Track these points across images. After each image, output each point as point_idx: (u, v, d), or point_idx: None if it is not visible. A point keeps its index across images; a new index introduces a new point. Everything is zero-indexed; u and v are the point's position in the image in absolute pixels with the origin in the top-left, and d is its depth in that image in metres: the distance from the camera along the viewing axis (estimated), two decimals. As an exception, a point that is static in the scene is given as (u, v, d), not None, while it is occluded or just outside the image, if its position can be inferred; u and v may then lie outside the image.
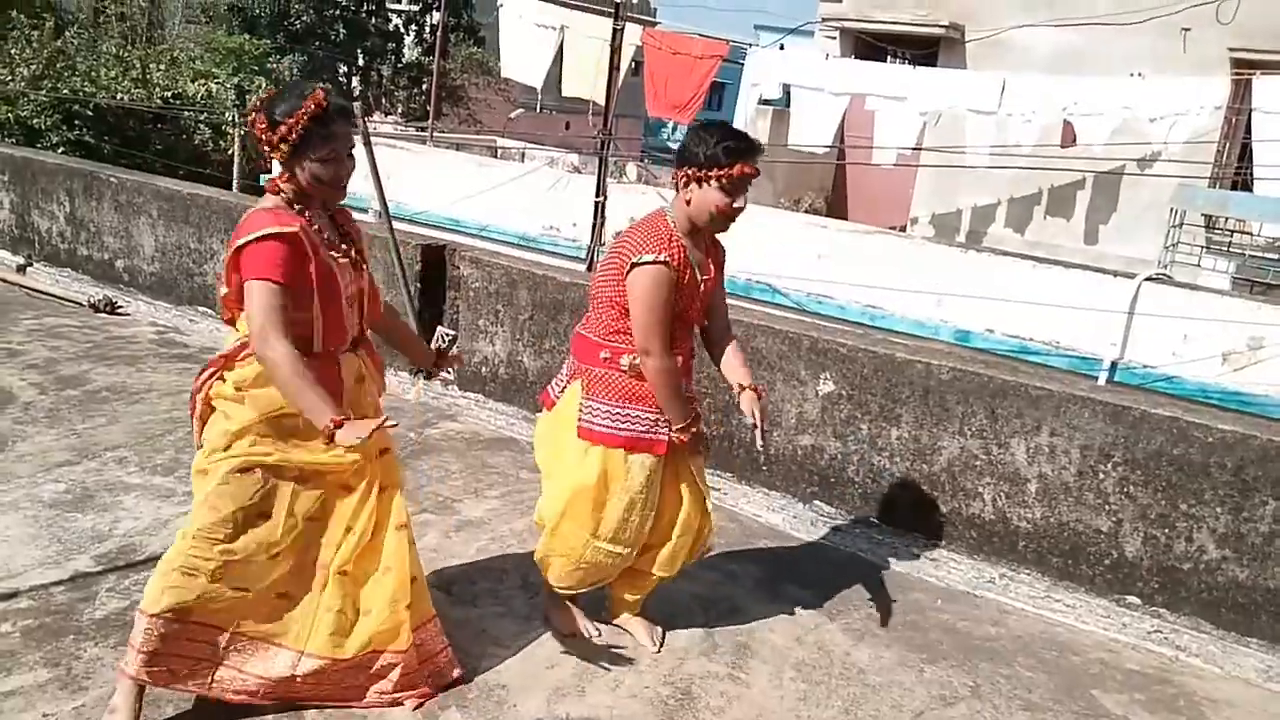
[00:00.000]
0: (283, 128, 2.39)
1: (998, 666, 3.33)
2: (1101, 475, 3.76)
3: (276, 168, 2.54)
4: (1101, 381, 7.20)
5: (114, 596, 3.17)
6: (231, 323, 2.62)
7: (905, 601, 3.72)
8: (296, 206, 2.52)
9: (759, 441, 2.87)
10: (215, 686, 2.59)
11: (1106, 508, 3.77)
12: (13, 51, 14.03)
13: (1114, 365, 7.96)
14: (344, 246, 2.62)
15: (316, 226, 2.54)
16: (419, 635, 2.76)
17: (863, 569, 3.95)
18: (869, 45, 13.03)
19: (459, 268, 5.43)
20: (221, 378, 2.55)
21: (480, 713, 2.80)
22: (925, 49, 12.69)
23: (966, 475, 4.00)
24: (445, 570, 3.57)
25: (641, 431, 2.88)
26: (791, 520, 4.27)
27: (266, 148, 2.45)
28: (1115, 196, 11.65)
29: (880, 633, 3.47)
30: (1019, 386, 3.89)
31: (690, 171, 2.78)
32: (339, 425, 2.33)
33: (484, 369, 5.36)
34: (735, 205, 2.79)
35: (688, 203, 2.81)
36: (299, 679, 2.64)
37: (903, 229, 12.42)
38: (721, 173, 2.73)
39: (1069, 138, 10.11)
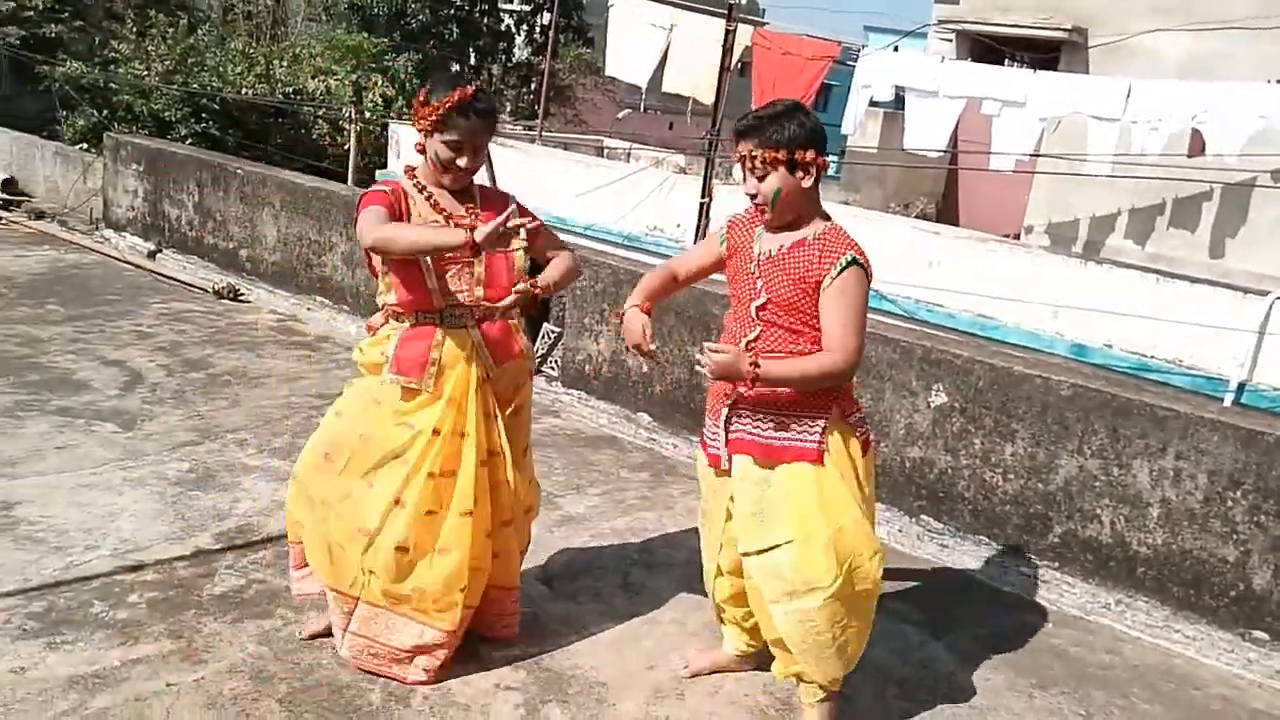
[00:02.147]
0: (430, 106, 2.65)
1: (1111, 696, 3.20)
2: (1230, 503, 3.58)
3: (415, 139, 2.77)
4: (1227, 403, 6.87)
5: (232, 574, 3.29)
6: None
7: (1015, 623, 3.60)
8: (416, 180, 2.77)
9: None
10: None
11: (1234, 537, 3.58)
12: (149, 48, 14.69)
13: (1241, 386, 7.57)
14: (454, 217, 2.74)
15: (428, 194, 2.75)
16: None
17: (970, 587, 3.84)
18: (986, 48, 12.68)
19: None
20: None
21: (580, 710, 2.81)
22: (1046, 53, 12.27)
23: (1084, 496, 3.85)
24: (547, 565, 3.61)
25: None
26: (896, 534, 4.17)
27: (418, 119, 2.69)
28: (1245, 209, 11.07)
29: (988, 654, 3.37)
30: (1144, 406, 3.73)
31: None
32: (473, 229, 2.48)
33: (587, 367, 5.40)
34: (746, 189, 2.61)
35: None
36: (350, 633, 2.83)
37: (1016, 237, 12.05)
38: (737, 155, 2.60)
39: (1197, 147, 9.65)
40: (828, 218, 2.65)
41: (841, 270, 2.52)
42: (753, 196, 2.59)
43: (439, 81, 2.70)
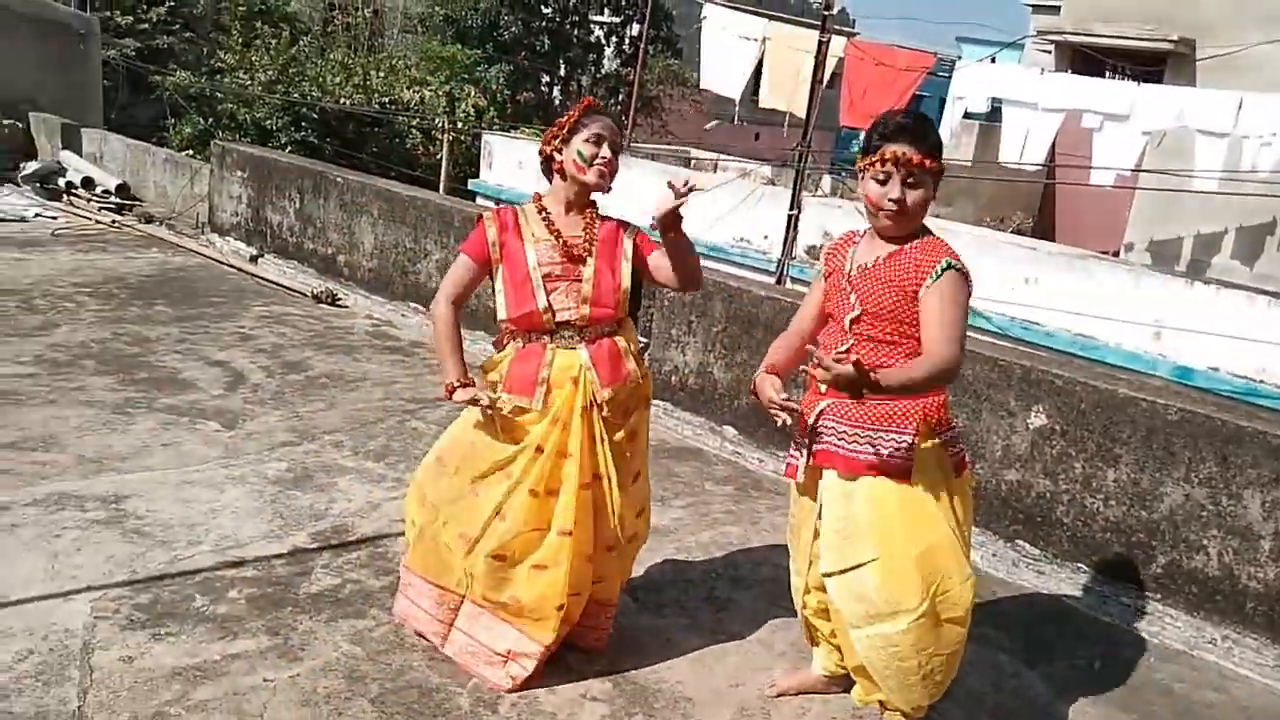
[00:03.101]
0: (559, 122, 2.86)
1: (1218, 737, 3.07)
2: (1350, 538, 3.40)
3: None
4: (1343, 432, 6.53)
5: (328, 573, 3.36)
6: None
7: (1114, 655, 3.47)
8: (539, 204, 2.89)
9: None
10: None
11: (1355, 574, 3.40)
12: (253, 58, 15.22)
13: (1358, 415, 7.20)
14: (564, 236, 2.83)
15: (546, 215, 2.86)
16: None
17: (1068, 616, 3.72)
18: (1087, 60, 12.35)
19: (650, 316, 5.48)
20: None
21: (666, 724, 2.80)
22: (1150, 65, 11.91)
23: (1190, 526, 3.70)
24: (632, 577, 3.60)
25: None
26: (990, 559, 4.07)
27: (549, 140, 2.87)
28: (1362, 228, 10.58)
29: (1085, 686, 3.25)
30: (1256, 434, 3.56)
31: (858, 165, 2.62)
32: (451, 391, 2.80)
33: (674, 378, 5.39)
34: (890, 195, 2.49)
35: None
36: (456, 628, 2.93)
37: (1116, 254, 11.69)
38: (870, 159, 2.51)
39: (1313, 163, 9.24)
40: (928, 230, 2.62)
41: (939, 275, 2.47)
42: (896, 203, 2.49)
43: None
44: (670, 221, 2.66)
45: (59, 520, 3.50)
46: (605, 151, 2.79)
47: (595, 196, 2.91)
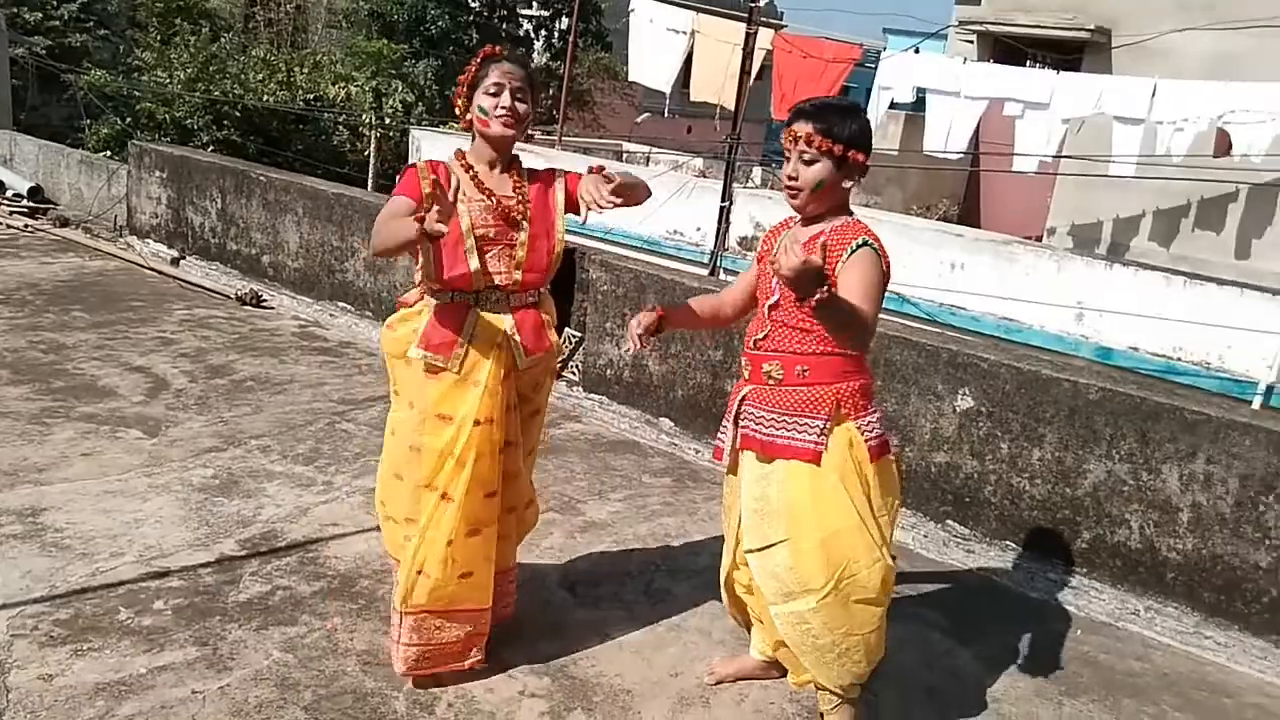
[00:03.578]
0: (463, 74, 2.74)
1: (1142, 704, 3.16)
2: (1262, 507, 3.52)
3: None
4: (1256, 406, 6.78)
5: (257, 581, 3.29)
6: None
7: (1043, 630, 3.56)
8: (463, 161, 2.77)
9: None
10: None
11: (1267, 542, 3.52)
12: (172, 56, 14.82)
13: (1270, 389, 7.48)
14: (497, 195, 2.72)
15: (473, 173, 2.74)
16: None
17: (998, 594, 3.80)
18: (1008, 49, 12.60)
19: (588, 271, 5.46)
20: None
21: (606, 717, 2.79)
22: (1069, 54, 12.19)
23: (1113, 501, 3.80)
24: (570, 571, 3.59)
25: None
26: (922, 539, 4.14)
27: (457, 97, 2.75)
28: (1273, 210, 10.95)
29: (1016, 661, 3.33)
30: (1174, 410, 3.68)
31: None
32: (421, 219, 2.32)
33: (609, 371, 5.38)
34: (786, 173, 2.56)
35: None
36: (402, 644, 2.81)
37: (1039, 239, 11.96)
38: (791, 136, 2.55)
39: (1224, 147, 9.55)
40: (851, 214, 2.63)
41: (852, 253, 2.48)
42: (793, 180, 2.54)
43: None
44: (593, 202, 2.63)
45: (-29, 536, 3.38)
46: (505, 100, 2.66)
47: (520, 152, 2.81)
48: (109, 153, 12.50)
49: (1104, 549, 3.84)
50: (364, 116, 16.71)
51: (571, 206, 2.83)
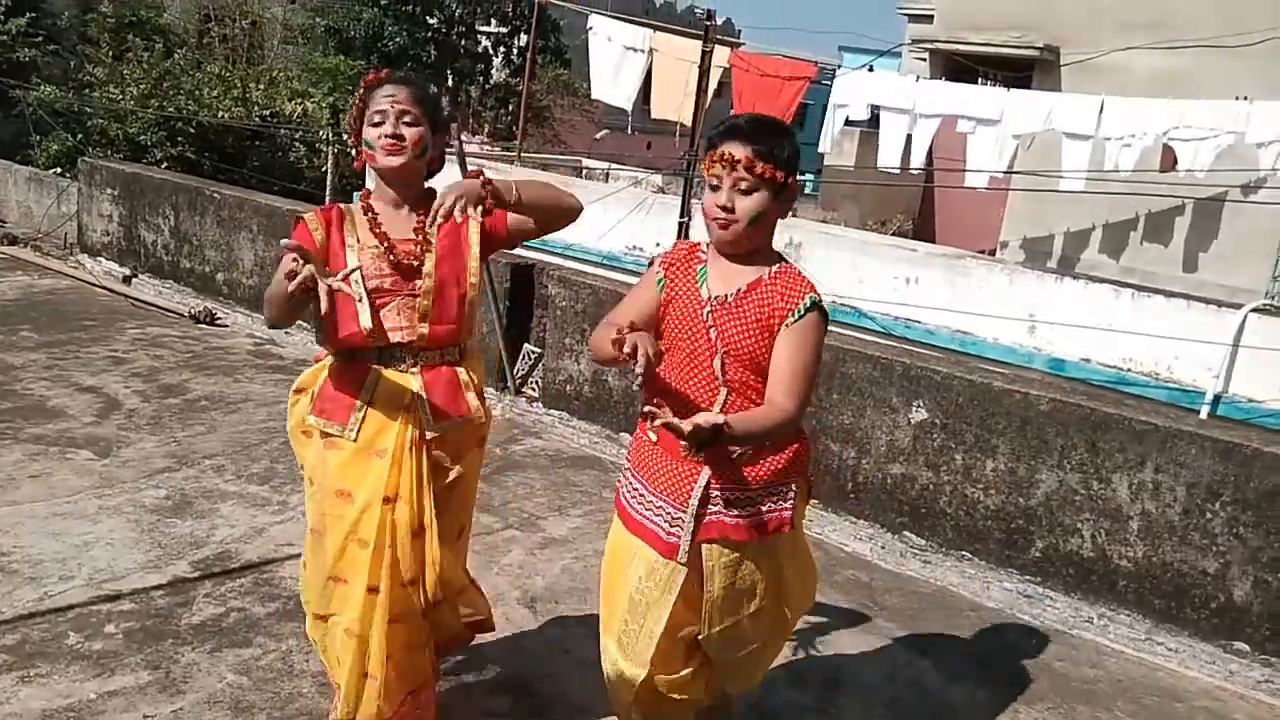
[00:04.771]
0: (353, 108, 2.45)
1: (1096, 710, 3.21)
2: (1209, 515, 3.60)
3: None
4: (1203, 415, 6.92)
5: (210, 602, 3.24)
6: None
7: (999, 639, 3.61)
8: (366, 203, 2.45)
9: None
10: None
11: (1214, 549, 3.60)
12: (125, 72, 14.62)
13: (1217, 399, 7.64)
14: (391, 240, 2.39)
15: (372, 215, 2.42)
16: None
17: (955, 604, 3.84)
18: (960, 67, 12.83)
19: (547, 287, 5.47)
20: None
21: (565, 734, 2.78)
22: (1019, 71, 12.43)
23: (1065, 510, 3.86)
24: (529, 587, 3.58)
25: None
26: (879, 550, 4.17)
27: (351, 133, 2.49)
28: (1217, 223, 11.23)
29: (974, 671, 3.37)
30: (1122, 420, 3.75)
31: None
32: (291, 276, 2.09)
33: (569, 387, 5.38)
34: (717, 202, 2.16)
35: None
36: None
37: (992, 253, 12.16)
38: (707, 162, 2.18)
39: (1169, 162, 9.79)
40: (779, 255, 2.31)
41: (803, 314, 2.18)
42: (728, 211, 2.15)
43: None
44: (474, 199, 2.24)
45: (-86, 561, 3.30)
46: (388, 127, 2.34)
47: (435, 184, 2.45)
48: (59, 170, 12.28)
49: (1057, 558, 3.90)
50: (321, 133, 16.58)
51: (496, 242, 2.53)
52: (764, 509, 2.28)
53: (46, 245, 8.57)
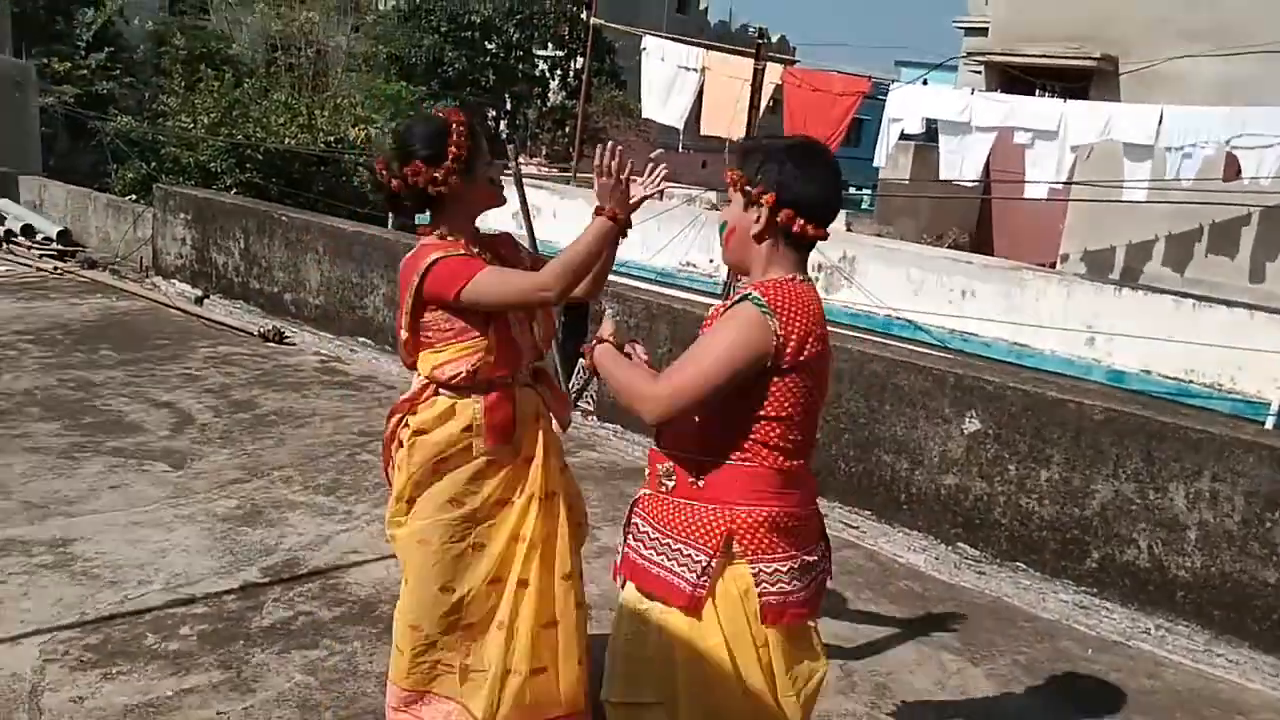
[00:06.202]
0: (452, 144, 2.41)
1: (1154, 722, 3.18)
2: (1269, 524, 3.55)
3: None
4: (1269, 426, 6.78)
5: (279, 606, 3.38)
6: (413, 366, 2.57)
7: (1054, 649, 3.59)
8: (450, 237, 2.51)
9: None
10: None
11: (1275, 558, 3.55)
12: (196, 101, 15.14)
13: (1283, 410, 7.49)
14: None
15: (476, 251, 2.53)
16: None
17: (1008, 614, 3.83)
18: (1016, 79, 12.73)
19: (601, 302, 5.56)
20: (406, 423, 2.54)
21: (619, 736, 2.84)
22: (1076, 82, 12.29)
23: (1120, 520, 3.84)
24: (585, 595, 3.65)
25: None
26: (933, 561, 4.18)
27: (443, 170, 2.41)
28: (1286, 232, 10.99)
29: (1027, 681, 3.36)
30: (1178, 429, 3.72)
31: None
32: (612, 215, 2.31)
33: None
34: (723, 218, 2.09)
35: None
36: None
37: (1052, 266, 12.01)
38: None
39: (1233, 171, 9.62)
40: (792, 279, 1.98)
41: (731, 306, 1.96)
42: (725, 222, 2.07)
43: (414, 127, 2.51)
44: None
45: (4, 566, 3.49)
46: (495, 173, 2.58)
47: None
48: (135, 196, 12.76)
49: (1113, 568, 3.87)
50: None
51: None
52: (669, 564, 1.97)
53: (124, 268, 8.92)
